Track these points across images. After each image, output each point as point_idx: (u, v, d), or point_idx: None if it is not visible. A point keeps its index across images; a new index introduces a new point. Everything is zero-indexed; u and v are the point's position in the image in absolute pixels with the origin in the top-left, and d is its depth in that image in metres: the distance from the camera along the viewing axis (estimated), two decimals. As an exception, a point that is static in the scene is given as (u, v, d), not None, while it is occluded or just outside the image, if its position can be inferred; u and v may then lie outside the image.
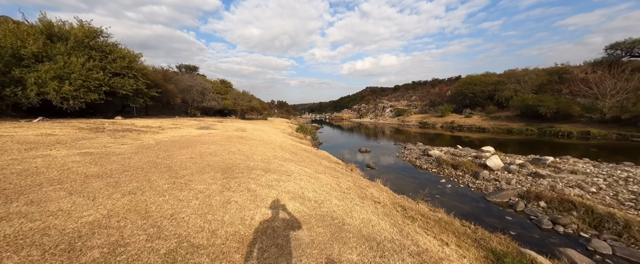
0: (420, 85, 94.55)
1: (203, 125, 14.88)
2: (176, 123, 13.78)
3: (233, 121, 23.48)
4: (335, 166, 7.76)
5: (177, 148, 5.95)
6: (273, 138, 11.51)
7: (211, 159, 4.96)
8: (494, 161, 9.93)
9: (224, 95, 34.31)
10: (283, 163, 5.53)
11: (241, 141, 8.43)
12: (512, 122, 29.34)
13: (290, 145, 9.93)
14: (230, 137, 9.26)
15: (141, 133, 8.37)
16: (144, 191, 2.83)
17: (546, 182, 7.87)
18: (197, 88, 25.54)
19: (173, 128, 11.48)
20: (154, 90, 15.74)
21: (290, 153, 7.71)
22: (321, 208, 3.11)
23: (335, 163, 8.90)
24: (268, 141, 9.61)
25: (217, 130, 12.79)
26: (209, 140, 7.75)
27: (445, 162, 11.01)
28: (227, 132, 11.45)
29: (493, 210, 6.51)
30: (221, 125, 16.22)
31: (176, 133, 9.19)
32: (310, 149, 10.51)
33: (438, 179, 9.36)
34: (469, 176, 9.31)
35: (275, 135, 14.30)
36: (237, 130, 13.85)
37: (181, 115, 24.77)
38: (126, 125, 10.09)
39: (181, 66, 43.84)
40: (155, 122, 12.85)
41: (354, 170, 8.42)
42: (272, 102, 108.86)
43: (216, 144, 7.02)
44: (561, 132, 23.07)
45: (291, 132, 20.66)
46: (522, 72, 35.33)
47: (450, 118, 38.85)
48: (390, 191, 6.11)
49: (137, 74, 13.93)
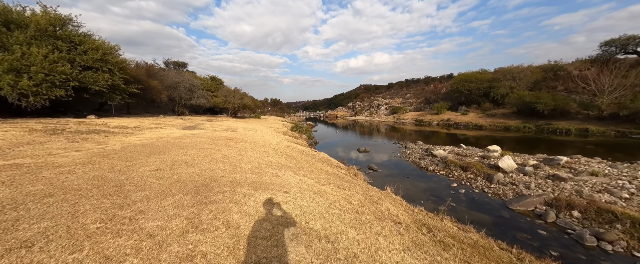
0: (413, 83, 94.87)
1: (189, 125, 13.60)
2: (158, 123, 12.47)
3: (224, 120, 22.14)
4: (337, 171, 6.77)
5: (145, 155, 4.81)
6: (266, 139, 10.42)
7: (184, 171, 3.87)
8: (507, 162, 9.18)
9: (215, 93, 32.77)
10: (278, 173, 4.49)
11: (229, 143, 7.32)
12: (509, 119, 29.11)
13: (285, 147, 8.88)
14: (217, 139, 8.11)
15: (110, 136, 7.13)
16: (47, 244, 1.73)
17: (569, 186, 7.13)
18: (184, 85, 23.98)
19: (153, 128, 10.21)
20: (133, 86, 14.30)
21: (286, 157, 6.66)
22: (337, 253, 2.10)
23: (337, 167, 7.91)
24: (261, 143, 8.53)
25: (204, 130, 11.58)
26: (189, 144, 6.60)
27: (452, 163, 10.22)
28: (214, 133, 10.28)
29: (520, 221, 5.68)
30: (209, 125, 14.96)
31: (153, 135, 7.98)
32: (308, 151, 9.49)
33: (448, 183, 8.52)
34: (481, 179, 8.51)
35: (268, 135, 13.20)
36: (226, 130, 12.67)
37: (167, 114, 23.23)
38: (95, 126, 8.77)
39: (169, 62, 41.81)
40: (133, 122, 11.52)
41: (358, 175, 7.46)
42: (266, 100, 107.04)
43: (197, 148, 5.89)
44: (559, 129, 22.84)
45: (286, 131, 19.55)
46: (518, 69, 35.21)
47: (446, 115, 38.52)
48: (405, 203, 5.17)
49: (113, 68, 12.48)
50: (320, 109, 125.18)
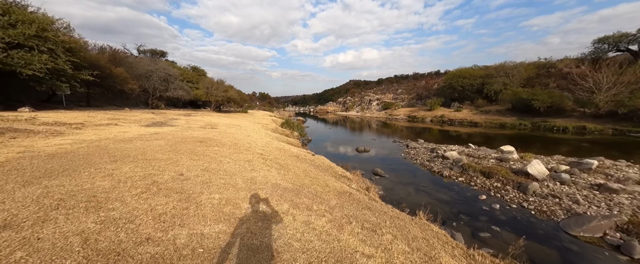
0: (403, 79, 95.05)
1: (158, 121, 11.32)
2: (117, 118, 10.12)
3: (205, 114, 19.73)
4: (347, 187, 5.03)
5: (33, 177, 2.81)
6: (253, 139, 8.48)
7: (54, 234, 1.96)
8: (537, 167, 7.86)
9: (196, 84, 29.87)
10: (267, 209, 2.68)
11: (198, 149, 5.36)
12: (504, 116, 28.67)
13: (276, 150, 7.01)
14: (183, 141, 6.10)
15: (19, 137, 4.95)
16: None
17: (626, 200, 5.86)
18: (159, 74, 21.11)
19: (103, 125, 7.95)
20: (86, 73, 11.70)
21: (278, 168, 4.83)
22: None
23: (343, 177, 6.18)
24: (244, 146, 6.61)
25: (174, 127, 9.42)
26: (135, 151, 4.59)
27: (470, 168, 8.81)
28: (185, 132, 8.19)
29: (594, 255, 4.26)
30: (185, 120, 12.70)
31: (92, 136, 5.83)
32: (304, 155, 7.67)
33: (474, 194, 7.07)
34: (512, 189, 7.12)
35: (255, 133, 11.21)
36: (204, 127, 10.55)
37: (139, 107, 20.42)
38: (13, 122, 6.44)
39: (145, 50, 37.90)
40: (80, 117, 9.13)
41: (371, 189, 5.78)
42: (254, 94, 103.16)
43: (141, 160, 3.92)
44: (556, 126, 22.45)
45: (275, 127, 17.55)
46: (512, 65, 34.93)
47: (440, 112, 37.87)
48: (461, 245, 3.52)
49: (55, 48, 9.90)
50: (310, 104, 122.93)
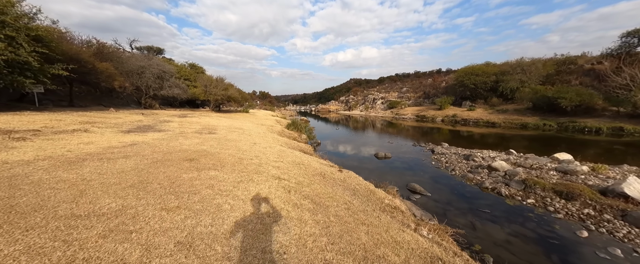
0: (405, 77, 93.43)
1: (144, 124, 9.45)
2: (92, 122, 8.25)
3: (203, 115, 17.87)
4: (413, 233, 3.15)
5: None
6: (261, 150, 6.61)
7: None
8: (637, 187, 6.00)
9: (194, 82, 28.00)
10: None
11: (185, 176, 3.49)
12: (524, 115, 26.76)
13: (293, 166, 5.14)
14: (166, 161, 4.23)
15: None
16: None
17: None
18: (152, 71, 19.18)
19: (67, 133, 6.08)
20: (59, 66, 9.81)
21: (309, 208, 2.97)
22: None
23: (390, 207, 4.30)
24: (253, 163, 4.75)
25: (162, 133, 7.55)
26: (62, 193, 2.73)
27: (537, 185, 6.95)
28: (174, 141, 6.32)
29: None
30: (178, 123, 10.83)
31: (31, 153, 3.97)
32: (329, 170, 5.77)
33: (566, 227, 5.20)
34: (614, 218, 5.27)
35: (262, 138, 9.34)
36: (200, 132, 8.67)
37: (131, 107, 18.54)
38: None
39: (141, 47, 35.94)
40: (42, 120, 7.25)
41: (441, 233, 3.92)
42: (254, 93, 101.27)
43: (39, 230, 2.05)
44: (587, 127, 20.55)
45: (281, 129, 15.68)
46: (529, 61, 32.96)
47: (451, 111, 35.96)
48: None
49: (16, 36, 8.01)
50: (311, 103, 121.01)
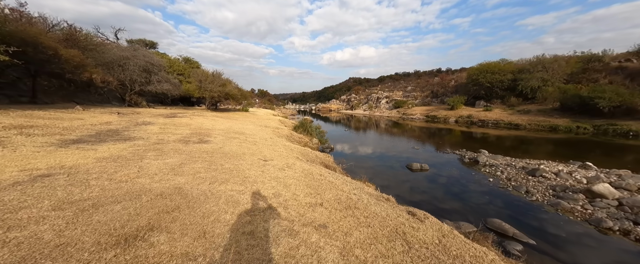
0: (405, 77, 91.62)
1: (111, 129, 6.85)
2: (30, 125, 5.66)
3: (196, 114, 15.27)
4: None
5: None
6: (283, 184, 4.11)
7: None
8: None
9: (189, 78, 25.29)
10: None
11: None
12: (551, 116, 24.47)
13: (356, 234, 2.66)
14: (69, 240, 1.72)
15: None
16: None
17: None
18: (137, 63, 16.47)
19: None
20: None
21: None
22: None
23: None
24: (262, 201, 2.26)
25: (127, 143, 4.98)
26: None
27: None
28: (126, 169, 3.77)
29: None
30: (159, 127, 8.24)
31: None
32: (413, 229, 3.28)
33: None
34: None
35: (270, 149, 6.80)
36: (186, 140, 6.10)
37: (111, 104, 15.88)
38: None
39: (132, 40, 32.93)
40: None
41: None
42: (252, 91, 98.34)
43: None
44: (632, 131, 18.27)
45: (289, 133, 13.13)
46: (551, 58, 30.69)
47: (465, 111, 33.61)
48: None
49: None
50: (310, 102, 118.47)
